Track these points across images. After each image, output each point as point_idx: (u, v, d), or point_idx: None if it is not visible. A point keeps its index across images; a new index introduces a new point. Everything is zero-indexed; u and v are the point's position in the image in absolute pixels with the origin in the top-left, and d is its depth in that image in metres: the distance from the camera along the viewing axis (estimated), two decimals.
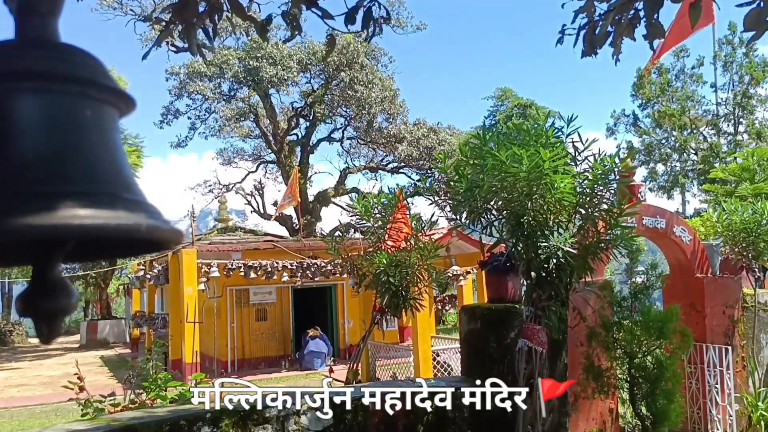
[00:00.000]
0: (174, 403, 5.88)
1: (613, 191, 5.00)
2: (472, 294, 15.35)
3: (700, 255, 7.09)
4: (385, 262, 5.61)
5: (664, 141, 33.12)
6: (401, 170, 32.34)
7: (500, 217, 5.06)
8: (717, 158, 27.65)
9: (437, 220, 6.38)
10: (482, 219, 5.14)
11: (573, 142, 5.02)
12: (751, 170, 9.96)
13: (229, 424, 4.34)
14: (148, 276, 16.15)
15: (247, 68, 26.49)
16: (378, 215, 6.17)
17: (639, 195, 6.57)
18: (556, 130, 4.94)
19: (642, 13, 2.27)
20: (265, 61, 26.27)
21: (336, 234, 6.18)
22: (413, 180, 31.01)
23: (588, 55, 2.68)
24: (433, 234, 9.52)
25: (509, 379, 5.06)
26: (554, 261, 4.72)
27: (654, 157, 33.40)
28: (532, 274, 5.02)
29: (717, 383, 6.60)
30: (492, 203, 4.98)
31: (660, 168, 33.97)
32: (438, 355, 10.98)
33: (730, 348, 6.77)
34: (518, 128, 4.87)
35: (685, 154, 32.63)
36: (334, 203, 32.40)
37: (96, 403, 5.41)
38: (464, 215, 5.18)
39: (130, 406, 5.32)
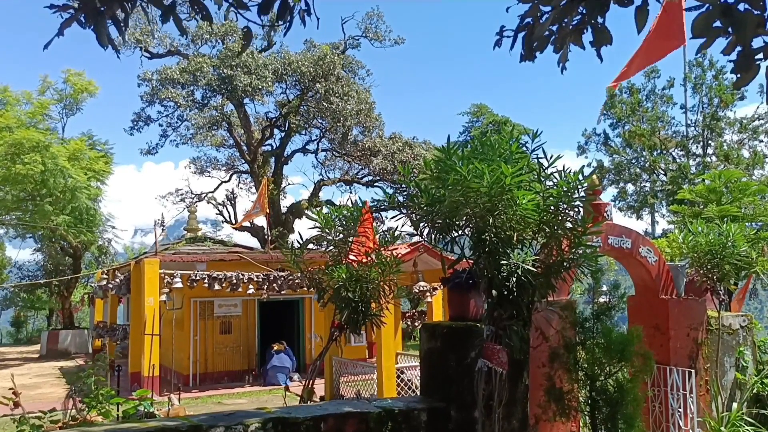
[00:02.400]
0: (125, 420, 5.61)
1: (577, 209, 4.90)
2: (442, 310, 15.19)
3: (666, 276, 7.04)
4: (344, 276, 5.43)
5: (634, 161, 33.52)
6: (376, 183, 32.23)
7: (462, 233, 4.94)
8: (686, 179, 28.03)
9: (400, 234, 6.22)
10: (444, 235, 5.01)
11: (538, 158, 4.93)
12: (718, 192, 9.99)
13: None
14: (110, 285, 15.73)
15: (222, 76, 26.22)
16: (340, 228, 6.00)
17: (605, 214, 6.50)
18: (520, 146, 4.84)
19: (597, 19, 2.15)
20: (239, 69, 26.04)
21: (295, 246, 5.99)
22: (388, 194, 30.77)
23: (527, 60, 2.55)
24: (395, 249, 9.37)
25: (468, 400, 4.92)
26: (515, 279, 4.60)
27: (624, 176, 33.76)
28: (494, 292, 4.89)
29: (680, 407, 6.52)
30: (454, 219, 4.85)
31: (630, 188, 34.36)
32: (402, 373, 10.79)
33: (693, 371, 6.70)
34: (482, 143, 4.74)
35: (654, 175, 33.04)
36: (307, 215, 32.13)
37: (34, 419, 5.13)
38: (426, 230, 5.05)
39: (71, 423, 5.04)
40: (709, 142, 31.50)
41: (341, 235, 5.90)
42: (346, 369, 12.35)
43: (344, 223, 6.06)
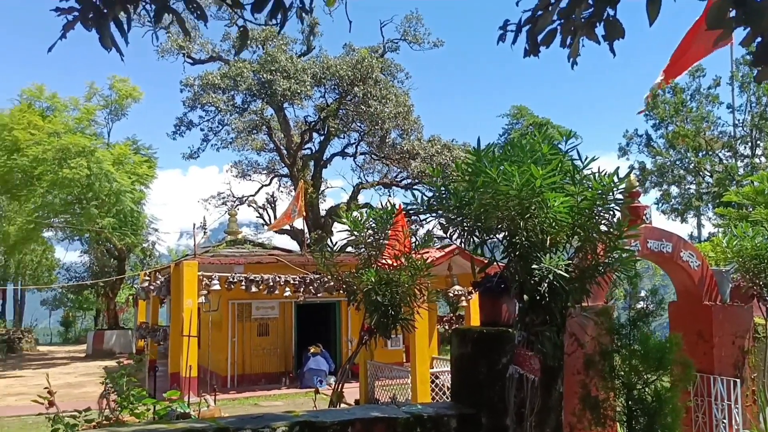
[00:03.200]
0: (155, 421, 5.66)
1: (612, 212, 4.75)
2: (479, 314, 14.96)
3: (709, 281, 6.77)
4: (373, 279, 5.38)
5: (678, 162, 32.58)
6: (415, 186, 32.15)
7: (492, 236, 4.83)
8: (733, 181, 27.11)
9: (432, 237, 6.14)
10: (474, 238, 4.92)
11: (572, 160, 4.80)
12: (767, 194, 9.61)
13: None
14: (152, 287, 16.04)
15: (261, 81, 26.52)
16: (370, 231, 5.95)
17: (644, 217, 6.29)
18: (553, 147, 4.72)
19: (609, 12, 2.03)
20: (279, 74, 26.30)
21: (325, 249, 5.97)
22: (417, 196, 30.61)
23: (532, 55, 2.44)
24: (428, 252, 9.29)
25: (499, 407, 4.80)
26: (547, 284, 4.48)
27: (667, 178, 32.80)
28: (525, 297, 4.77)
29: (725, 418, 6.26)
30: (484, 222, 4.75)
31: (674, 190, 33.37)
32: (437, 378, 10.68)
33: (739, 381, 6.42)
34: (512, 145, 4.64)
35: (699, 177, 32.06)
36: (336, 219, 32.27)
37: (69, 418, 5.22)
38: (456, 234, 4.97)
39: (104, 422, 5.11)
40: (758, 142, 30.42)
41: (371, 238, 5.86)
42: (381, 373, 12.29)
43: (375, 225, 6.01)
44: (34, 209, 24.88)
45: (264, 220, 34.67)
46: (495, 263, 4.98)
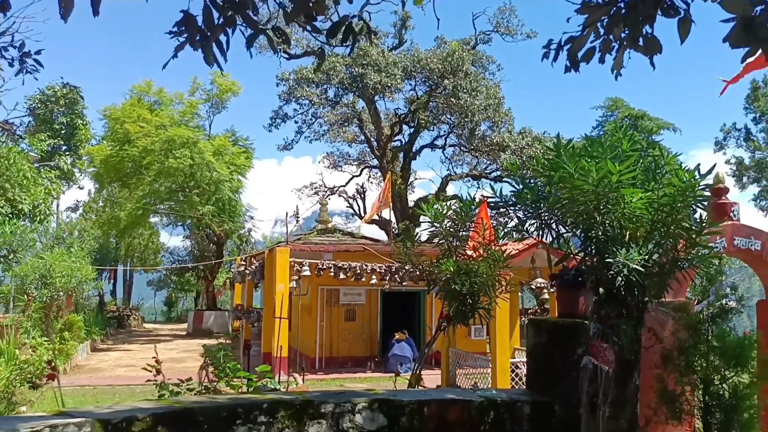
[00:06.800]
0: (248, 392, 6.17)
1: (693, 208, 4.75)
2: None
3: None
4: (452, 269, 5.61)
5: None
6: (504, 179, 31.88)
7: (567, 230, 4.95)
8: None
9: (511, 230, 6.27)
10: (551, 232, 5.06)
11: (654, 156, 4.86)
12: None
13: (285, 415, 4.49)
14: (247, 272, 16.94)
15: (353, 75, 27.13)
16: (449, 222, 6.16)
17: (731, 214, 6.17)
18: (635, 143, 4.79)
19: (647, 29, 2.17)
20: (370, 68, 26.80)
21: (404, 239, 6.25)
22: (516, 189, 30.29)
23: (572, 70, 2.58)
24: (512, 245, 9.37)
25: (573, 397, 4.93)
26: (623, 278, 4.56)
27: (766, 174, 30.77)
28: (601, 290, 4.87)
29: None
30: (560, 216, 4.88)
31: None
32: (517, 368, 10.77)
33: None
34: (590, 141, 4.74)
35: None
36: (417, 209, 32.43)
37: (173, 386, 5.80)
38: (533, 227, 5.12)
39: (203, 391, 5.64)
40: None
41: (450, 229, 6.06)
42: (464, 361, 12.50)
43: (455, 217, 6.21)
44: (142, 196, 26.62)
45: (354, 210, 35.49)
46: (573, 256, 5.10)
